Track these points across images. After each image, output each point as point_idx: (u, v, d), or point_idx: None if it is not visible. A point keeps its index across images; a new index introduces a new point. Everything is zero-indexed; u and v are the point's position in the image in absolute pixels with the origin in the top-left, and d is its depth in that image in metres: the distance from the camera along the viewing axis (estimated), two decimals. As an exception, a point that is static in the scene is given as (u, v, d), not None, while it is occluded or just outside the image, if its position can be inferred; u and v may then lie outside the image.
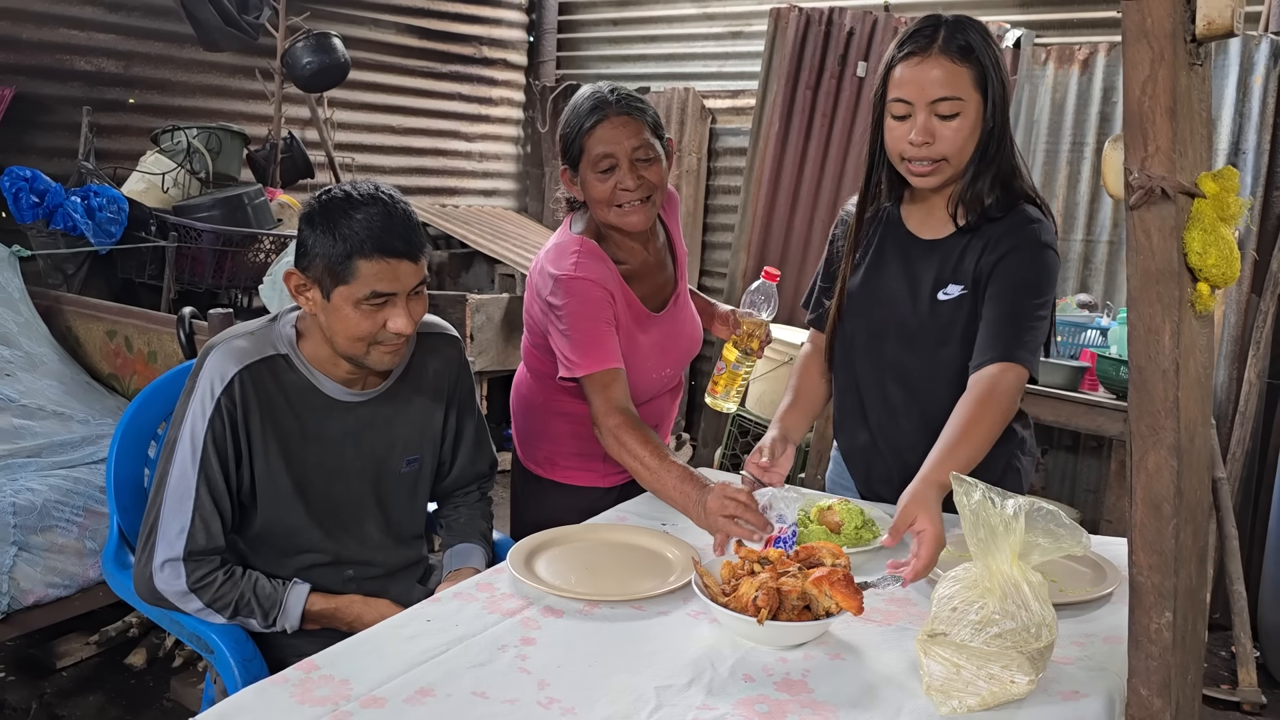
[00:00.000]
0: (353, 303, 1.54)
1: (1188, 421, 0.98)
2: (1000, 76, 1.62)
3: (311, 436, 1.64)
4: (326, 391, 1.65)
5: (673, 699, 1.14)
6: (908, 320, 1.74)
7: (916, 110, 1.61)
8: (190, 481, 1.55)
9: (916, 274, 1.74)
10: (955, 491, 1.17)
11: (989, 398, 1.56)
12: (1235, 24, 0.91)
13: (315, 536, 1.68)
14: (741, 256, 5.06)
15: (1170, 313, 0.95)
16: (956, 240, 1.71)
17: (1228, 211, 0.96)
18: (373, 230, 1.51)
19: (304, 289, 1.58)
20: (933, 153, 1.61)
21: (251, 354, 1.60)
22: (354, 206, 1.52)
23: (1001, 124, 1.64)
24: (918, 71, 1.60)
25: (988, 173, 1.66)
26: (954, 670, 1.11)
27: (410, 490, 1.79)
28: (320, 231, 1.53)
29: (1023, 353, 1.60)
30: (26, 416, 2.81)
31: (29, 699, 2.65)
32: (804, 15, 4.82)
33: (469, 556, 1.81)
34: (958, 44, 1.59)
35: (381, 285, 1.53)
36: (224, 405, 1.56)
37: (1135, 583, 1.00)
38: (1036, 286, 1.64)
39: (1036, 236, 1.65)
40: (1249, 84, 3.64)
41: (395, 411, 1.72)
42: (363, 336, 1.56)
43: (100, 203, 3.32)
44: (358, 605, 1.65)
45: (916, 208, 1.77)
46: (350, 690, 1.15)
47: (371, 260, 1.51)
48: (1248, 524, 3.58)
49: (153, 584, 1.57)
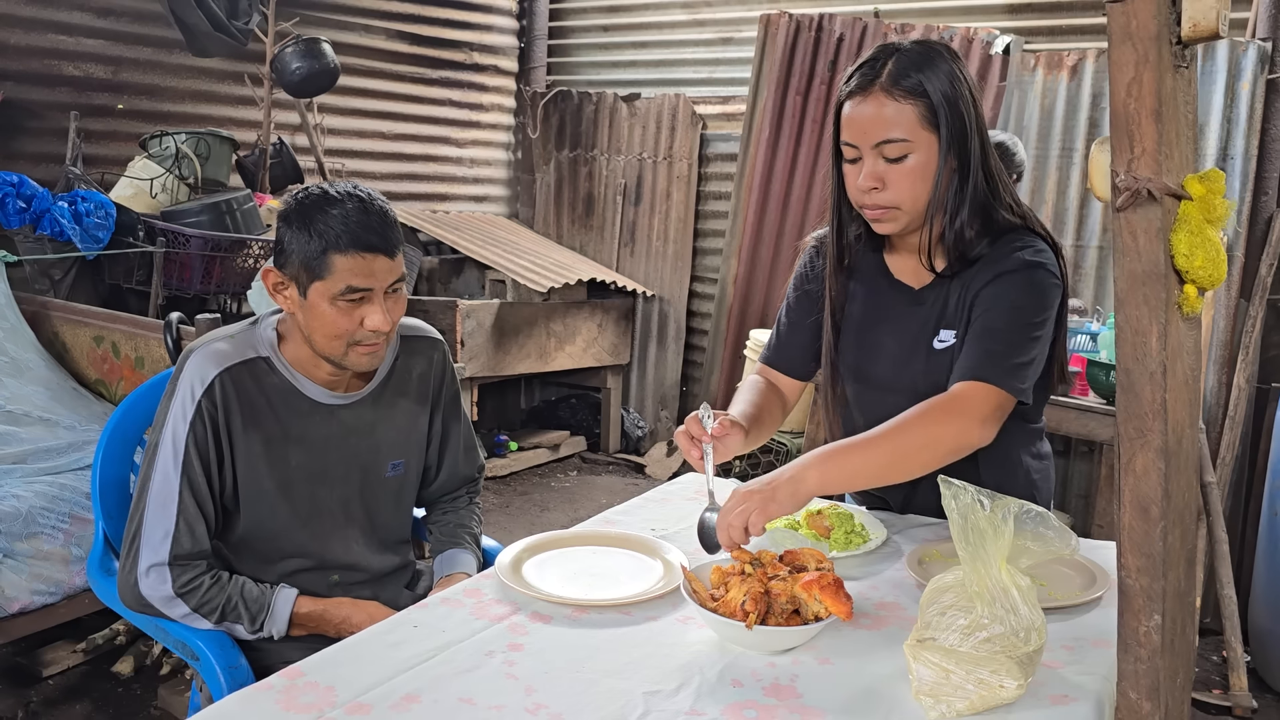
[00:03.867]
0: (329, 299, 1.53)
1: (1175, 424, 0.98)
2: (961, 109, 1.47)
3: (294, 439, 1.63)
4: (308, 394, 1.64)
5: (661, 704, 1.13)
6: (903, 376, 1.63)
7: (864, 153, 1.49)
8: (173, 486, 1.54)
9: (909, 325, 1.63)
10: (944, 495, 1.17)
11: (935, 408, 1.45)
12: (1221, 27, 0.91)
13: (299, 541, 1.67)
14: (732, 262, 5.07)
15: (1157, 314, 0.95)
16: (942, 285, 1.59)
17: (1214, 213, 0.96)
18: (348, 225, 1.51)
19: (282, 287, 1.58)
20: (883, 200, 1.49)
21: (232, 356, 1.59)
22: (330, 203, 1.53)
23: (967, 159, 1.49)
24: (860, 111, 1.48)
25: (960, 213, 1.52)
26: (943, 675, 1.10)
27: (396, 495, 1.78)
28: (296, 228, 1.54)
29: (998, 373, 1.46)
30: (12, 423, 2.79)
31: (15, 708, 2.63)
32: (794, 21, 4.84)
33: (459, 562, 1.80)
34: (905, 80, 1.45)
35: (357, 280, 1.53)
36: (205, 408, 1.55)
37: (1124, 585, 1.00)
38: (1025, 308, 1.51)
39: (1021, 259, 1.52)
40: (1236, 90, 3.66)
41: (379, 415, 1.71)
42: (340, 335, 1.55)
43: (88, 208, 3.30)
44: (345, 607, 1.64)
45: (902, 254, 1.64)
46: (335, 697, 1.14)
47: (347, 255, 1.51)
48: (1238, 528, 3.59)
49: (138, 590, 1.55)
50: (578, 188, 5.88)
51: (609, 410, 5.62)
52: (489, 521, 4.40)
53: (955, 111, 1.47)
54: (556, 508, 4.67)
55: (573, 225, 5.92)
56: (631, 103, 5.66)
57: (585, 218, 5.87)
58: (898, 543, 1.63)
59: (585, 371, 5.55)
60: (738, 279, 5.04)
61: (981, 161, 1.52)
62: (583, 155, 5.85)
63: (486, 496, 4.77)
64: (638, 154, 5.64)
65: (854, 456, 1.43)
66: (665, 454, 5.42)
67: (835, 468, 1.42)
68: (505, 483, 5.01)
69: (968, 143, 1.49)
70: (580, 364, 5.35)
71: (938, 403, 1.47)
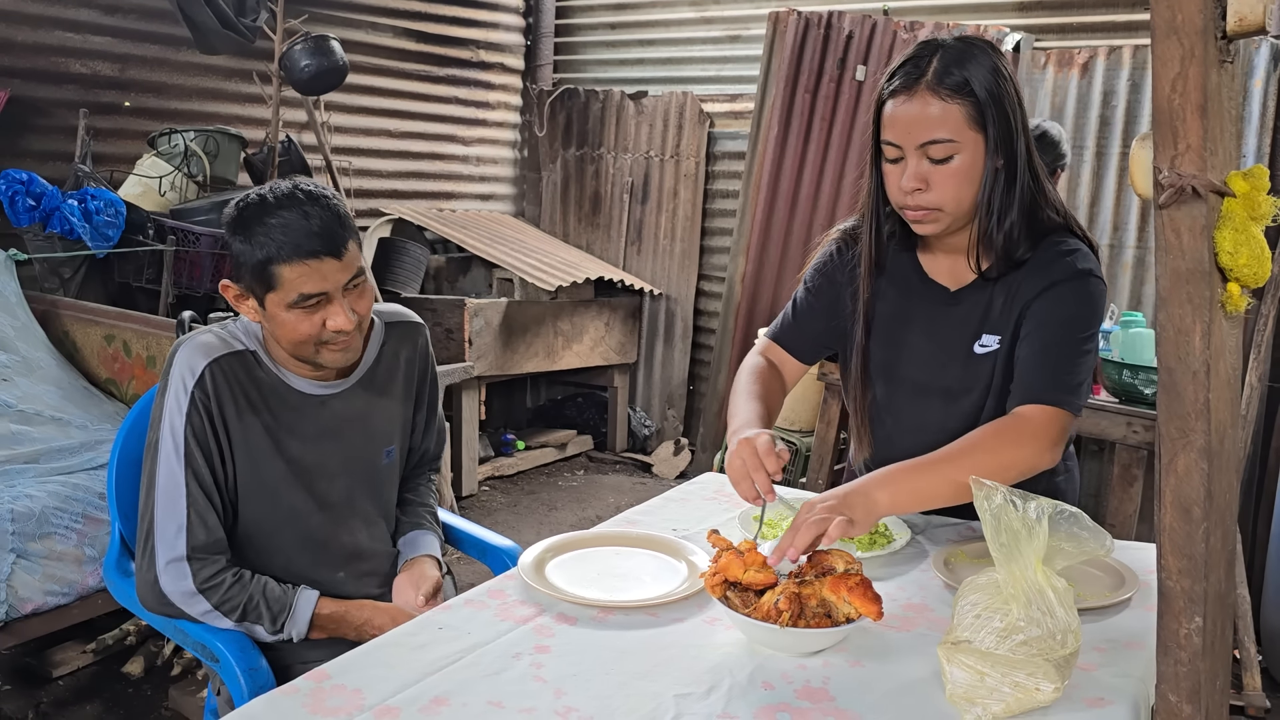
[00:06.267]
0: (285, 308, 1.52)
1: (1218, 424, 0.97)
2: (1007, 107, 1.45)
3: (290, 432, 1.64)
4: (297, 387, 1.64)
5: (692, 707, 1.12)
6: (937, 379, 1.61)
7: (907, 153, 1.46)
8: (179, 479, 1.54)
9: (944, 327, 1.60)
10: (975, 496, 1.16)
11: (1005, 431, 1.44)
12: (1268, 21, 0.90)
13: (303, 534, 1.67)
14: (740, 260, 5.05)
15: (1201, 313, 0.93)
16: (984, 287, 1.57)
17: (1258, 210, 0.95)
18: (288, 234, 1.48)
19: (241, 299, 1.57)
20: (926, 201, 1.47)
21: (219, 348, 1.59)
22: (268, 211, 1.49)
23: (1013, 158, 1.47)
24: (904, 110, 1.44)
25: (1009, 214, 1.49)
26: (978, 677, 1.09)
27: (390, 482, 1.79)
28: (240, 240, 1.51)
29: (1061, 394, 1.46)
30: (24, 422, 2.78)
31: (25, 708, 2.62)
32: (802, 19, 4.82)
33: (422, 544, 1.80)
34: (950, 78, 1.42)
35: (308, 287, 1.50)
36: (198, 399, 1.55)
37: (1164, 588, 0.99)
38: (1080, 320, 1.49)
39: (1073, 266, 1.50)
40: (1249, 88, 3.65)
41: (370, 404, 1.72)
42: (305, 339, 1.55)
43: (97, 206, 3.30)
44: (367, 610, 1.64)
45: (937, 254, 1.62)
46: (363, 700, 1.12)
47: (291, 265, 1.49)
48: (1249, 527, 3.58)
49: (159, 588, 1.54)
50: (584, 186, 5.87)
51: (616, 409, 5.61)
52: (497, 521, 4.39)
53: (1001, 110, 1.44)
54: (564, 507, 4.66)
55: (579, 224, 5.91)
56: (639, 101, 5.64)
57: (592, 216, 5.86)
58: (921, 543, 1.62)
59: (592, 370, 5.54)
60: (746, 277, 5.03)
61: (1028, 160, 1.50)
62: (589, 153, 5.83)
63: (494, 496, 4.76)
64: (645, 152, 5.63)
65: (924, 479, 1.41)
66: (672, 453, 5.40)
67: (906, 491, 1.40)
68: (513, 482, 5.00)
69: (1014, 142, 1.47)
70: (587, 363, 5.34)
71: (1007, 427, 1.46)
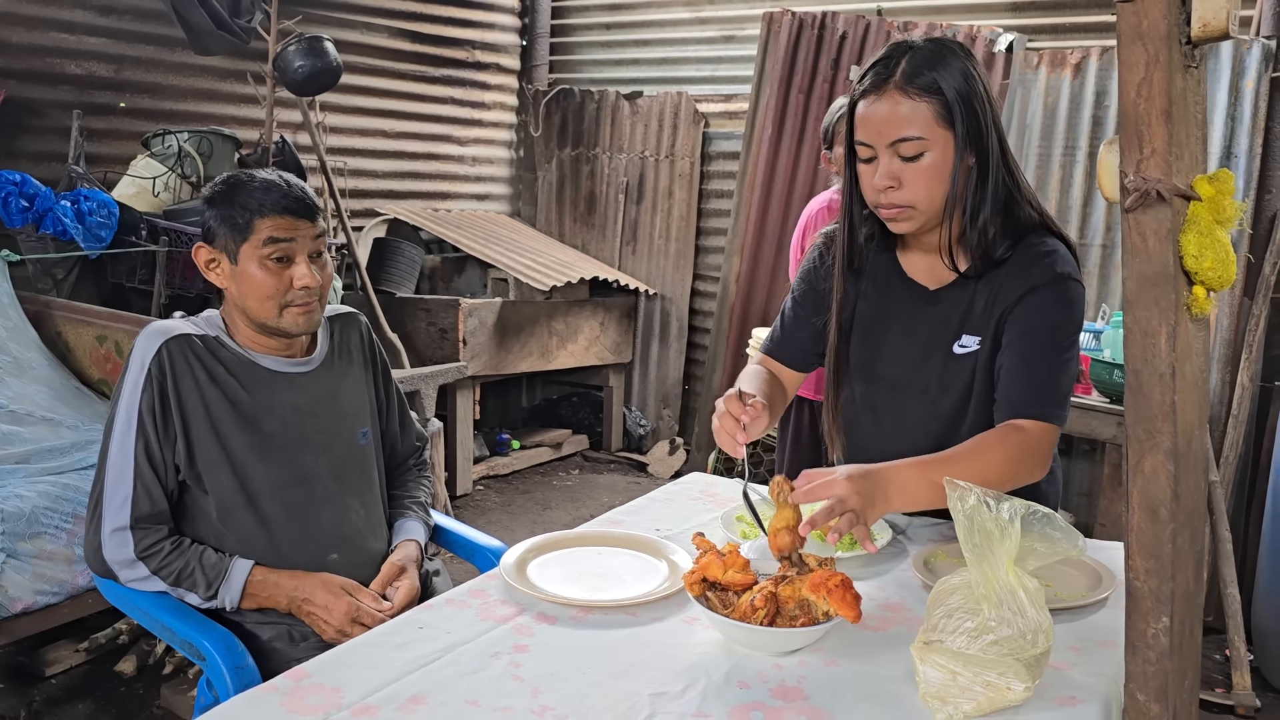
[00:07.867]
0: (258, 261, 1.65)
1: (1185, 425, 0.98)
2: (976, 105, 1.46)
3: (262, 406, 1.70)
4: (264, 365, 1.73)
5: (667, 706, 1.13)
6: (916, 377, 1.63)
7: (879, 152, 1.48)
8: (129, 451, 1.62)
9: (923, 326, 1.62)
10: (949, 497, 1.16)
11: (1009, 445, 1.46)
12: (1230, 26, 0.90)
13: (282, 506, 1.70)
14: (735, 260, 5.06)
15: (1167, 316, 0.94)
16: (965, 286, 1.58)
17: (1224, 214, 0.96)
18: (269, 195, 1.66)
19: (213, 264, 1.70)
20: (899, 199, 1.48)
21: (176, 330, 1.68)
22: (252, 180, 1.68)
23: (985, 155, 1.49)
24: (875, 110, 1.47)
25: (981, 210, 1.51)
26: (950, 677, 1.10)
27: (372, 464, 1.85)
28: (221, 206, 1.67)
29: (1050, 408, 1.50)
30: (15, 422, 2.79)
31: (17, 707, 2.63)
32: (796, 19, 4.83)
33: (404, 530, 1.87)
34: (919, 78, 1.44)
35: (279, 233, 1.65)
36: (154, 374, 1.63)
37: (1132, 588, 1.00)
38: (1061, 327, 1.52)
39: (1052, 270, 1.51)
40: (1240, 88, 3.65)
41: (336, 384, 1.81)
42: (272, 295, 1.66)
43: (90, 207, 3.30)
44: (300, 578, 1.67)
45: (915, 253, 1.64)
46: (342, 698, 1.13)
47: (269, 218, 1.65)
48: (1241, 527, 3.59)
49: (102, 555, 1.62)
50: (580, 186, 5.88)
51: (611, 409, 5.62)
52: (491, 520, 4.40)
53: (970, 108, 1.46)
54: (559, 506, 4.67)
55: (575, 223, 5.91)
56: (634, 101, 5.65)
57: (587, 216, 5.87)
58: (903, 542, 1.63)
59: (587, 370, 5.55)
60: (740, 277, 5.03)
61: (1001, 158, 1.51)
62: (585, 153, 5.84)
63: (489, 495, 4.76)
64: (640, 152, 5.64)
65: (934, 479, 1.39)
66: (667, 452, 5.41)
67: (915, 488, 1.40)
68: (507, 481, 5.01)
69: (984, 139, 1.49)
70: (582, 362, 5.35)
71: (1014, 440, 1.48)
